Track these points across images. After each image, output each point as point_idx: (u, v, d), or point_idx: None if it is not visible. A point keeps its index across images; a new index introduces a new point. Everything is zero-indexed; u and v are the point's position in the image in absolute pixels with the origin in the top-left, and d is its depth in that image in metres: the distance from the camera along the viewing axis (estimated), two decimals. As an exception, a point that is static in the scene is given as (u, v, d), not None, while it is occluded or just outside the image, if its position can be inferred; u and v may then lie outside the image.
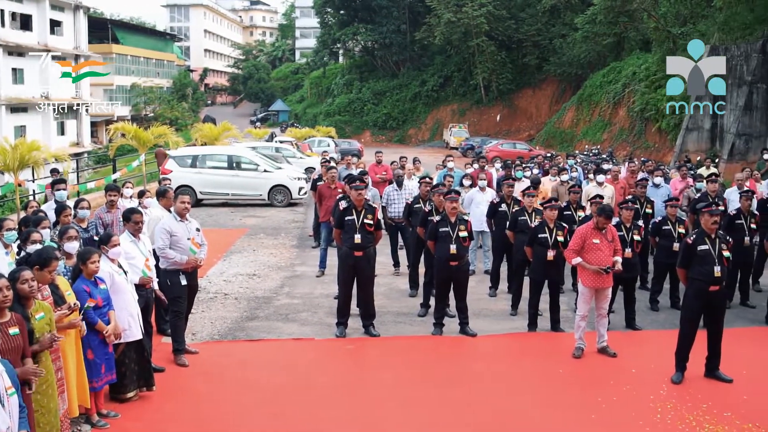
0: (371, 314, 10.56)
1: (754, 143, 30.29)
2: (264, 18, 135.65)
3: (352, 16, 69.19)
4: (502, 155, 31.67)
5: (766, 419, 7.72)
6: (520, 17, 61.00)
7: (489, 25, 58.46)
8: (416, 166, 17.98)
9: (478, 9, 57.26)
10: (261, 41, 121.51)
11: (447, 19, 57.86)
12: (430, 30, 60.71)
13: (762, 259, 13.11)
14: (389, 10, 66.75)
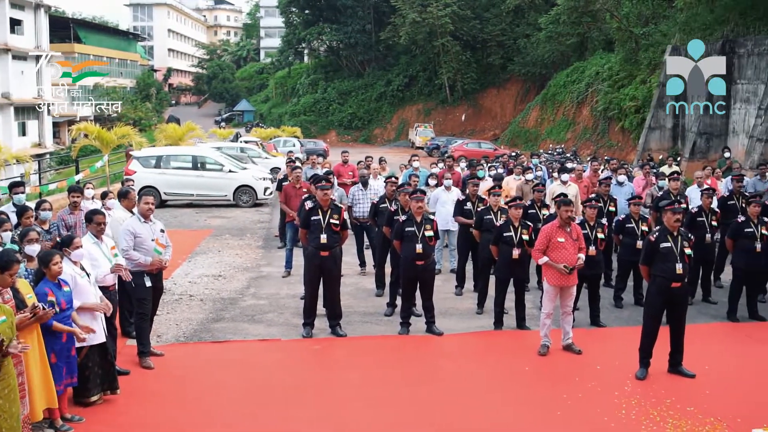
0: (338, 314, 10.55)
1: (714, 142, 30.73)
2: (228, 17, 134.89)
3: (317, 15, 69.03)
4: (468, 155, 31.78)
5: (728, 413, 7.84)
6: (484, 17, 61.30)
7: (454, 25, 58.68)
8: (382, 166, 17.99)
9: (442, 9, 57.43)
10: (225, 41, 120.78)
11: (412, 19, 57.96)
12: (395, 30, 60.78)
13: (723, 255, 13.32)
14: (354, 10, 66.70)
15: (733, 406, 8.06)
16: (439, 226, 11.65)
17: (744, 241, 11.38)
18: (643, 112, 36.60)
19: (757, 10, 31.44)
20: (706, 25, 33.83)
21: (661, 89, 34.34)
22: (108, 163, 26.85)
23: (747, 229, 11.37)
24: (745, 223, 11.45)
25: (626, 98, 38.55)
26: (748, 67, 29.82)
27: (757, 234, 11.30)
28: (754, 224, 11.38)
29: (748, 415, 7.70)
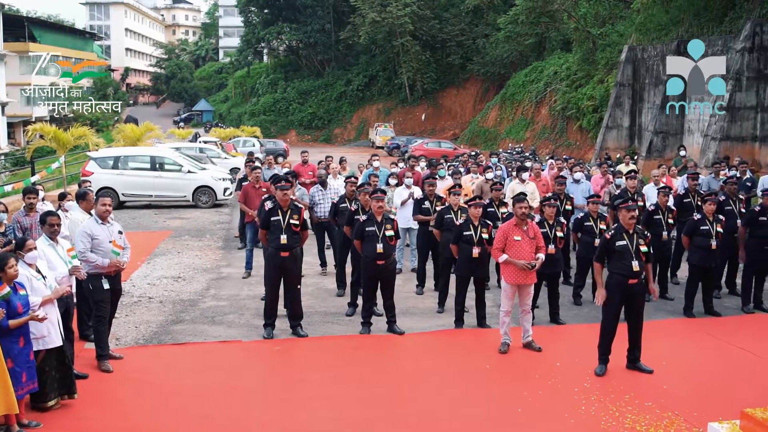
0: (299, 315, 10.53)
1: (670, 140, 31.19)
2: (187, 16, 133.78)
3: (276, 15, 68.78)
4: (428, 154, 31.98)
5: (685, 407, 7.97)
6: (444, 17, 61.54)
7: (413, 24, 58.80)
8: (343, 166, 18.00)
9: (402, 9, 57.51)
10: (184, 40, 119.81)
11: (371, 19, 57.97)
12: (355, 29, 60.77)
13: (679, 253, 13.54)
14: (314, 10, 66.58)
15: (690, 401, 8.19)
16: (399, 225, 11.70)
17: (699, 238, 11.56)
18: (600, 112, 37.04)
19: (710, 11, 31.96)
20: (662, 25, 34.34)
21: (618, 89, 34.80)
22: (65, 164, 26.48)
23: (702, 227, 11.55)
24: (700, 221, 11.63)
25: (584, 98, 39.00)
26: (703, 67, 30.19)
27: (712, 231, 11.49)
28: (710, 222, 11.56)
29: (705, 409, 7.83)
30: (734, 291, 12.97)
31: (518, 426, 7.61)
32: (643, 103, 33.95)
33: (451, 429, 7.56)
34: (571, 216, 13.51)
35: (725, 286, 13.18)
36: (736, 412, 6.47)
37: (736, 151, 25.73)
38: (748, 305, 12.11)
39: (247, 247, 14.32)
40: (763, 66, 26.50)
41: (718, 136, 26.61)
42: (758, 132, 26.60)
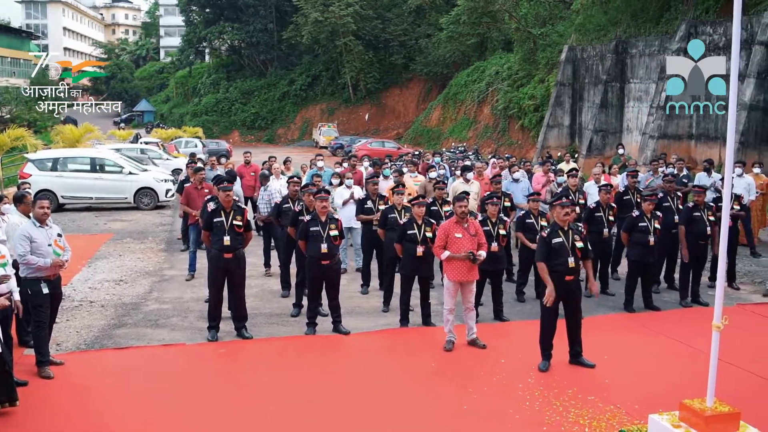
0: (243, 316, 10.46)
1: (610, 139, 31.74)
2: (127, 16, 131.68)
3: (217, 14, 68.20)
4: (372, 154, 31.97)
5: (627, 400, 8.12)
6: (386, 17, 61.68)
7: (356, 24, 58.84)
8: (287, 166, 17.91)
9: (345, 8, 57.50)
10: (124, 40, 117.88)
11: (314, 19, 57.85)
12: (298, 29, 60.56)
13: (619, 249, 13.79)
14: (256, 9, 66.16)
15: (631, 394, 8.35)
16: (343, 224, 11.71)
17: (638, 235, 11.79)
18: (541, 111, 37.51)
19: (647, 12, 32.59)
20: (600, 26, 34.91)
21: (558, 88, 35.26)
22: (1, 166, 25.89)
23: (641, 224, 11.78)
24: (638, 218, 11.86)
25: (525, 97, 39.43)
26: (640, 67, 30.90)
27: (650, 228, 11.73)
28: (647, 219, 11.80)
29: (646, 402, 7.97)
30: (672, 286, 13.27)
31: (464, 423, 7.66)
32: (583, 102, 34.48)
33: (397, 428, 7.58)
34: (511, 212, 13.65)
35: (664, 281, 13.48)
36: (676, 404, 6.59)
37: (672, 148, 26.31)
38: (686, 299, 12.39)
39: (190, 249, 14.17)
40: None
41: (656, 135, 27.16)
42: (694, 130, 27.21)
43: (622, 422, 7.50)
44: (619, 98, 31.98)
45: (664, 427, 6.39)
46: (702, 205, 12.36)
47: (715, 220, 12.18)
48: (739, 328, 10.29)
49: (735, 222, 13.45)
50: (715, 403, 6.33)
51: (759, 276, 14.23)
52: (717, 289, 6.49)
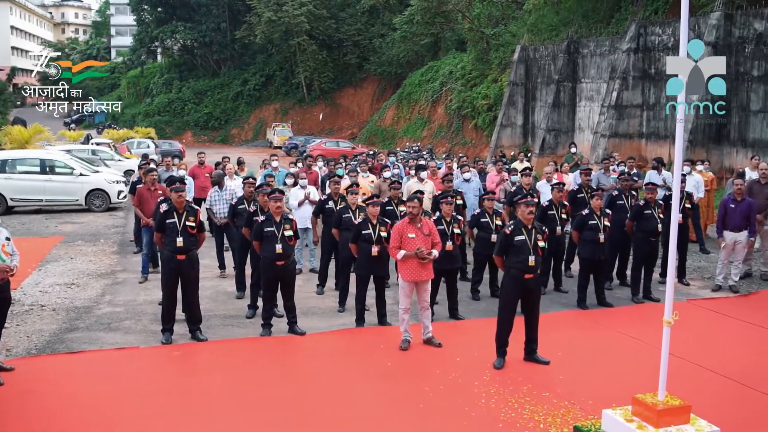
0: (197, 318, 10.37)
1: (562, 138, 32.12)
2: (77, 15, 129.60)
3: (170, 13, 67.54)
4: (326, 154, 31.93)
5: (581, 396, 8.21)
6: (340, 17, 61.69)
7: (310, 24, 58.76)
8: (241, 167, 17.82)
9: (298, 8, 57.40)
10: (74, 39, 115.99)
11: (267, 18, 57.63)
12: (251, 29, 60.28)
13: (572, 247, 13.94)
14: (208, 8, 65.68)
15: (585, 390, 8.44)
16: (298, 225, 11.68)
17: (588, 232, 11.93)
18: (495, 110, 37.80)
19: (598, 13, 33.04)
20: (552, 26, 35.30)
21: (511, 88, 35.57)
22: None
23: (590, 221, 11.93)
24: (588, 216, 12.00)
25: (479, 97, 39.71)
26: (591, 67, 31.30)
27: (600, 226, 11.88)
28: (597, 216, 11.95)
29: (599, 397, 8.06)
30: (624, 282, 13.46)
31: (420, 422, 7.67)
32: (535, 102, 34.83)
33: (354, 428, 7.58)
34: (467, 212, 13.72)
35: (616, 278, 13.67)
36: (629, 399, 6.71)
37: (623, 147, 26.73)
38: (638, 295, 12.58)
39: (143, 251, 14.01)
40: (648, 66, 27.55)
41: (607, 133, 27.55)
42: (644, 129, 27.66)
43: (576, 418, 7.58)
44: (571, 98, 32.36)
45: (617, 422, 6.50)
46: (653, 202, 12.56)
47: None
48: (689, 324, 10.50)
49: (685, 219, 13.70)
50: (666, 397, 6.45)
51: (708, 272, 14.50)
52: (667, 285, 6.62)
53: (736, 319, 11.51)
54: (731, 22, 23.54)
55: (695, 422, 6.39)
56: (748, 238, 13.12)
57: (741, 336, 10.78)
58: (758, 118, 22.51)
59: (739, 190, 13.11)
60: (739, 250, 13.16)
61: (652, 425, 6.27)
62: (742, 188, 13.17)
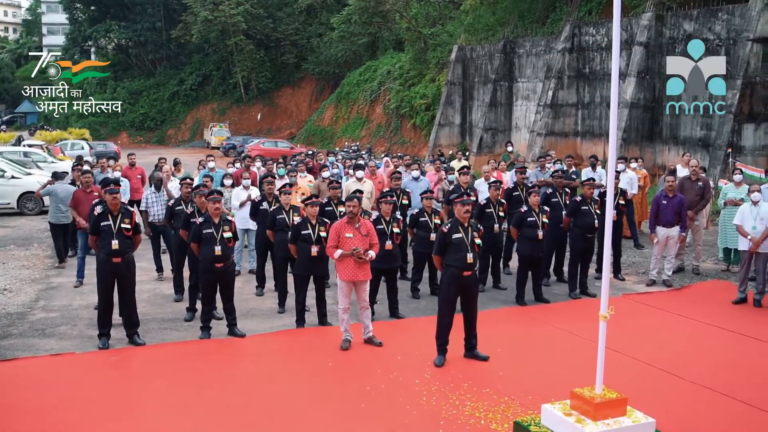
0: (135, 322, 10.21)
1: (499, 136, 32.47)
2: (6, 12, 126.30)
3: (103, 12, 66.38)
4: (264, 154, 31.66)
5: (520, 392, 8.32)
6: (277, 16, 61.36)
7: (247, 23, 58.39)
8: (177, 168, 17.60)
9: (235, 7, 56.96)
10: (3, 38, 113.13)
11: (204, 17, 57.08)
12: (187, 28, 59.63)
13: (510, 244, 14.11)
14: (143, 7, 64.73)
15: (524, 385, 8.56)
16: (237, 226, 11.58)
17: (527, 229, 12.09)
18: (432, 110, 38.04)
19: (534, 13, 33.48)
20: (489, 26, 35.65)
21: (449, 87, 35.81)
22: None
23: (529, 218, 12.09)
24: (527, 213, 12.16)
25: (417, 96, 39.91)
26: (527, 66, 31.70)
27: (539, 222, 12.05)
28: (536, 213, 12.11)
29: (538, 392, 8.19)
30: (562, 278, 13.68)
31: (362, 421, 7.68)
32: (473, 101, 35.14)
33: (295, 429, 7.55)
34: (408, 210, 13.77)
35: (553, 274, 13.89)
36: (567, 393, 6.80)
37: (559, 145, 27.15)
38: (575, 291, 12.79)
39: (79, 255, 13.74)
40: (582, 65, 28.02)
41: (544, 132, 27.95)
42: (579, 128, 28.13)
43: (516, 413, 7.67)
44: (508, 97, 32.74)
45: (556, 416, 6.58)
46: (590, 198, 12.78)
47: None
48: (624, 317, 10.74)
49: (619, 215, 13.98)
50: (603, 390, 6.56)
51: (642, 267, 14.82)
52: (603, 280, 6.72)
53: (670, 313, 11.79)
54: (662, 23, 24.10)
55: (632, 414, 6.50)
56: (679, 234, 13.43)
57: (675, 329, 11.05)
58: (689, 117, 23.05)
59: (670, 187, 13.43)
60: (671, 246, 13.47)
61: (590, 418, 6.36)
62: (673, 185, 13.49)
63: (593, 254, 13.28)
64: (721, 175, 19.85)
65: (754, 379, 8.94)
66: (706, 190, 14.47)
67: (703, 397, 8.35)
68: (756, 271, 12.32)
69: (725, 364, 9.45)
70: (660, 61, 24.05)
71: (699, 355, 9.81)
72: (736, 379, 8.86)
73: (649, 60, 24.29)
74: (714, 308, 12.02)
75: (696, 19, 22.93)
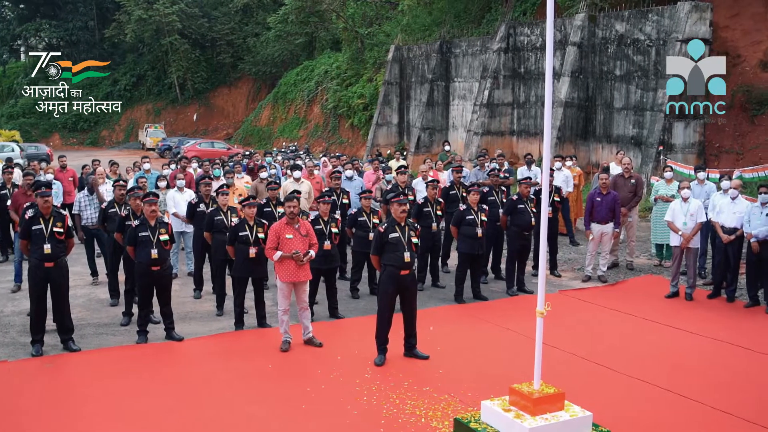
0: (69, 328, 9.99)
1: (437, 136, 32.66)
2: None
3: (33, 10, 64.83)
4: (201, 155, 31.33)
5: (460, 389, 8.39)
6: (213, 16, 60.76)
7: (182, 23, 57.69)
8: (112, 170, 17.29)
9: (169, 6, 56.25)
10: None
11: (138, 17, 56.23)
12: (120, 27, 58.67)
13: (448, 242, 14.22)
14: (75, 6, 63.44)
15: (464, 382, 8.63)
16: (174, 228, 11.43)
17: (466, 227, 12.18)
18: (370, 109, 38.09)
19: (470, 13, 33.77)
20: (426, 26, 35.84)
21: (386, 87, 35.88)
22: None
23: (468, 217, 12.18)
24: (466, 211, 12.26)
25: (354, 96, 39.92)
26: (464, 66, 31.93)
27: (478, 221, 12.15)
28: (475, 212, 12.21)
29: (478, 389, 8.26)
30: (499, 276, 13.82)
31: (303, 422, 7.65)
32: (410, 101, 35.27)
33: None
34: (349, 210, 13.77)
35: (491, 272, 14.02)
36: (506, 389, 6.87)
37: (496, 144, 27.42)
38: (512, 288, 12.94)
39: (15, 258, 13.39)
40: (517, 65, 28.35)
41: (480, 131, 28.20)
42: (515, 127, 28.46)
43: (456, 410, 7.72)
44: (445, 96, 32.95)
45: (495, 412, 6.65)
46: (526, 197, 12.93)
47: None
48: (561, 313, 10.91)
49: (555, 213, 14.19)
50: (541, 386, 6.65)
51: (578, 263, 15.06)
52: (539, 277, 6.82)
53: (605, 308, 12.01)
54: (595, 24, 24.52)
55: (569, 408, 6.61)
56: (613, 230, 13.69)
57: (610, 324, 11.26)
58: (621, 115, 23.53)
59: (604, 184, 13.68)
60: (606, 242, 13.72)
61: (528, 413, 6.45)
62: (607, 182, 13.74)
63: (530, 251, 13.45)
64: (653, 172, 20.29)
65: (687, 370, 9.17)
66: (638, 187, 14.77)
67: (638, 390, 8.53)
68: (687, 266, 12.63)
69: (659, 357, 9.66)
70: (593, 60, 24.50)
71: (634, 349, 10.01)
72: (669, 372, 9.08)
73: (582, 60, 24.70)
74: (647, 303, 12.29)
75: (627, 20, 23.40)
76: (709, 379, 8.91)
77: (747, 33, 20.86)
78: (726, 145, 21.43)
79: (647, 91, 22.50)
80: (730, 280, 12.34)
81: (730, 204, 12.27)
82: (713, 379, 8.88)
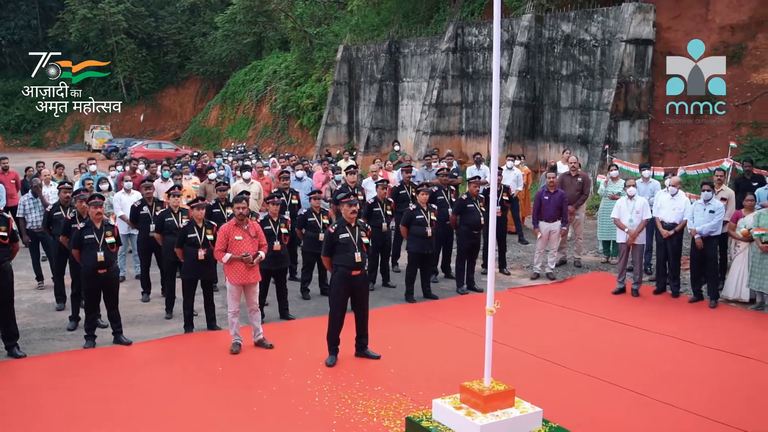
0: (14, 334, 9.78)
1: (386, 136, 32.72)
2: None
3: (-29, 8, 63.31)
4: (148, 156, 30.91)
5: (411, 388, 8.44)
6: (159, 15, 60.02)
7: (128, 22, 56.89)
8: (58, 172, 16.99)
9: (115, 6, 55.41)
10: None
11: (82, 15, 55.29)
12: (65, 26, 57.60)
13: (398, 242, 14.26)
14: (17, 4, 62.03)
15: (415, 381, 8.67)
16: (120, 230, 11.28)
17: (416, 227, 12.23)
18: (319, 109, 38.00)
19: (418, 13, 33.89)
20: (374, 26, 35.89)
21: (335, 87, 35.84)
22: None
23: (418, 216, 12.23)
24: (415, 211, 12.31)
25: (303, 96, 39.79)
26: (413, 66, 32.04)
27: (427, 220, 12.20)
28: (424, 211, 12.27)
29: (429, 388, 8.31)
30: (449, 274, 13.90)
31: (255, 424, 7.62)
32: (359, 101, 35.28)
33: (185, 435, 7.43)
34: (299, 210, 13.73)
35: (441, 271, 14.09)
36: (457, 387, 6.92)
37: (445, 144, 27.57)
38: (462, 287, 13.03)
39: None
40: (465, 65, 28.53)
41: (429, 131, 28.32)
42: (464, 126, 28.64)
43: (408, 409, 7.75)
44: (394, 96, 33.03)
45: (447, 410, 6.69)
46: (475, 196, 13.02)
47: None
48: (510, 311, 11.03)
49: (504, 211, 14.31)
50: (492, 383, 6.71)
51: (527, 261, 15.22)
52: (488, 275, 6.88)
53: (554, 305, 12.17)
54: (541, 24, 24.79)
55: (519, 405, 6.68)
56: (561, 228, 13.87)
57: (559, 320, 11.41)
58: (568, 115, 23.82)
59: (552, 183, 13.84)
60: (553, 240, 13.89)
61: (479, 411, 6.49)
62: (554, 181, 13.92)
63: (479, 250, 13.56)
64: (600, 170, 20.58)
65: (636, 366, 9.33)
66: (585, 185, 14.97)
67: (587, 385, 8.66)
68: (633, 262, 12.85)
69: (607, 353, 9.82)
70: (540, 60, 24.77)
71: (582, 345, 10.16)
72: (618, 367, 9.23)
73: (529, 60, 24.95)
74: (595, 299, 12.48)
75: (573, 20, 23.69)
76: (656, 372, 9.09)
77: (688, 34, 21.25)
78: (670, 144, 21.84)
79: (593, 91, 22.81)
80: (672, 276, 12.59)
81: (670, 200, 12.53)
82: (660, 373, 9.06)
